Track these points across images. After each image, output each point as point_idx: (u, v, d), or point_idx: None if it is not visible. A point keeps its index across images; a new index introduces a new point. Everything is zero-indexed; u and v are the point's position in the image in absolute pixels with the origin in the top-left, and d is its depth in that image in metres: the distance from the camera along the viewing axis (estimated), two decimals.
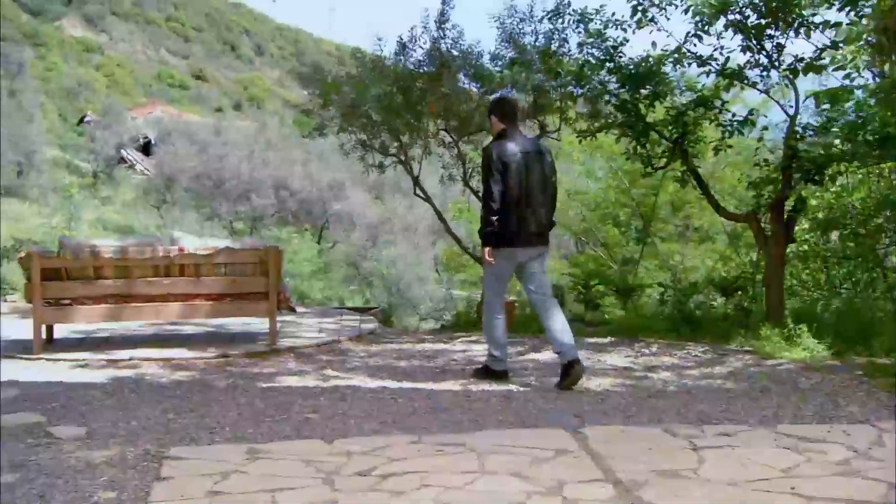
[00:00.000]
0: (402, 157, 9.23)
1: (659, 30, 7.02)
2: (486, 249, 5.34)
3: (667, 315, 8.18)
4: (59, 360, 6.02)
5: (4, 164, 34.77)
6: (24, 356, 6.11)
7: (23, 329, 7.03)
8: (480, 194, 5.77)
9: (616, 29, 7.18)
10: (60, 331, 6.90)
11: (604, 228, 12.62)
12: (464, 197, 12.34)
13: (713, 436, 3.90)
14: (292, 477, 3.32)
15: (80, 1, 75.02)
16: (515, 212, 5.23)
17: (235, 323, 7.54)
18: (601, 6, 7.31)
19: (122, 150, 44.51)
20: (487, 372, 5.55)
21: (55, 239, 12.72)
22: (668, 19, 6.95)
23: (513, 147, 5.29)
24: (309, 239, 25.02)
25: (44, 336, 6.38)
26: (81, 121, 50.29)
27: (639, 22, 6.96)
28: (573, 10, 7.46)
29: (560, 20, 7.80)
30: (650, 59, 7.06)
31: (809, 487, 3.15)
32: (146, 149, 44.86)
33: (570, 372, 5.23)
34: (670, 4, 6.85)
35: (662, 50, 7.05)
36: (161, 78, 70.32)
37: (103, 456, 3.63)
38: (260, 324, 7.26)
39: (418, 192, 9.63)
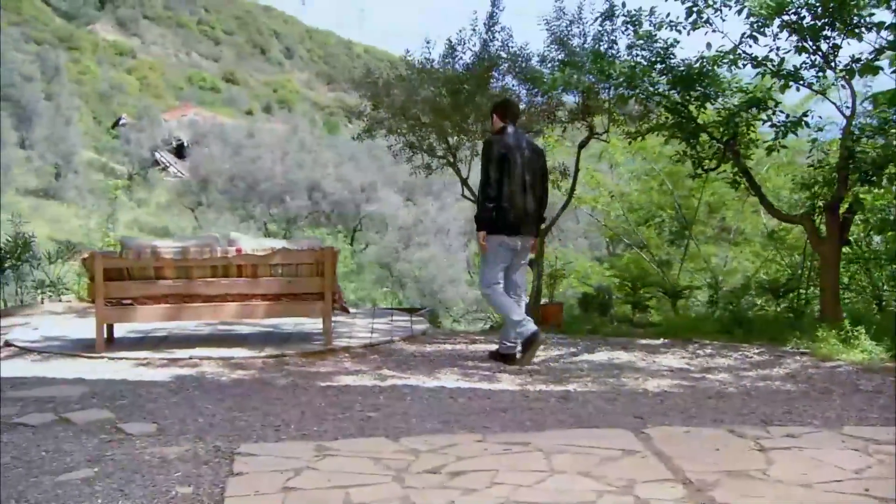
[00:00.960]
0: (451, 159, 9.25)
1: (714, 31, 6.99)
2: (481, 234, 5.90)
3: (717, 317, 8.13)
4: (121, 358, 6.11)
5: (43, 166, 35.46)
6: (87, 355, 6.21)
7: (81, 328, 7.16)
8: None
9: (670, 30, 7.17)
10: (119, 330, 6.99)
11: (643, 230, 12.52)
12: None
13: (779, 437, 3.87)
14: (363, 474, 3.35)
15: (112, 5, 76.04)
16: (510, 202, 5.75)
17: (288, 323, 7.61)
18: (652, 8, 7.31)
19: (156, 153, 45.25)
20: (499, 356, 6.06)
21: (93, 240, 12.95)
22: (724, 20, 6.94)
23: (510, 142, 5.88)
24: (342, 240, 25.12)
25: (104, 335, 6.48)
26: (116, 124, 51.05)
27: (694, 23, 6.94)
28: (626, 13, 7.46)
29: (611, 22, 7.81)
30: (704, 60, 7.04)
31: (884, 489, 3.12)
32: (179, 151, 45.51)
33: (532, 341, 5.91)
34: (725, 6, 6.83)
35: (717, 51, 7.02)
36: (192, 81, 71.01)
37: (175, 452, 3.68)
38: (313, 324, 7.32)
39: (466, 193, 9.60)
